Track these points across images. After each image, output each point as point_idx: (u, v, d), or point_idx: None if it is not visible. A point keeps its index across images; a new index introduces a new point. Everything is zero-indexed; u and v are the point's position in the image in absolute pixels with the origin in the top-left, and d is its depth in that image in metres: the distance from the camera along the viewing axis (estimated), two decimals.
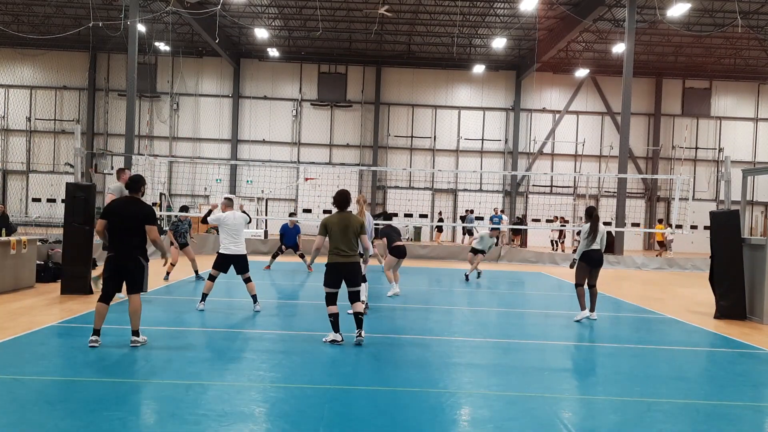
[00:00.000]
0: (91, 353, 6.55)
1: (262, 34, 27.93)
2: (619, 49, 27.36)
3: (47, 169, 33.68)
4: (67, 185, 10.82)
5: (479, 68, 32.62)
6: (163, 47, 31.05)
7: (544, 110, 35.14)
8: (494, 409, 5.27)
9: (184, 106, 34.79)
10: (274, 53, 32.38)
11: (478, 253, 15.11)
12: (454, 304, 11.90)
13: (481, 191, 33.82)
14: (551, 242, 28.16)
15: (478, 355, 7.38)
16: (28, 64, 34.22)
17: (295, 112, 34.69)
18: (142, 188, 7.10)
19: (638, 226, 33.72)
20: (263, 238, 24.22)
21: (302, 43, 33.59)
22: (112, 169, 25.42)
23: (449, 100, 35.11)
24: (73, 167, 11.57)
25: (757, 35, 28.18)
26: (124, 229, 6.82)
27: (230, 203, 9.95)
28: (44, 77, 34.38)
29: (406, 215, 33.27)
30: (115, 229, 6.84)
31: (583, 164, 34.87)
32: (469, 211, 28.12)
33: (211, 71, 34.73)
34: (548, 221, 30.56)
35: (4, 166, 33.95)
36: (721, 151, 34.76)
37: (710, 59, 32.84)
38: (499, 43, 28.19)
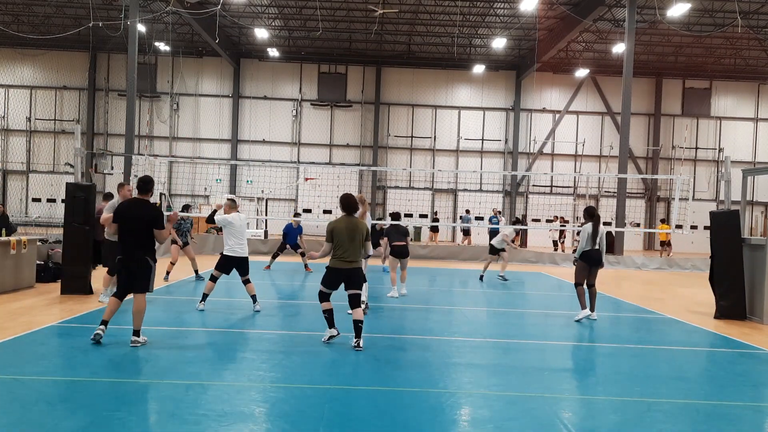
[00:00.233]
0: (91, 353, 6.56)
1: (262, 34, 27.93)
2: (619, 49, 27.36)
3: (47, 169, 33.70)
4: (67, 185, 10.82)
5: (479, 68, 32.61)
6: (163, 47, 31.06)
7: (544, 110, 35.14)
8: (494, 409, 5.27)
9: (184, 106, 34.80)
10: (274, 53, 32.38)
11: (498, 251, 15.41)
12: (454, 304, 11.90)
13: (481, 191, 33.82)
14: (553, 242, 28.17)
15: (478, 355, 7.38)
16: (28, 64, 34.23)
17: (295, 112, 34.69)
18: (151, 189, 7.17)
19: (638, 226, 33.71)
20: (263, 238, 24.22)
21: (302, 43, 33.59)
22: (111, 169, 25.42)
23: (449, 100, 35.11)
24: (73, 167, 11.57)
25: (757, 35, 28.17)
26: (131, 230, 6.88)
27: (234, 204, 9.94)
28: (44, 77, 34.39)
29: (406, 215, 33.24)
30: (123, 230, 6.92)
31: (583, 164, 34.87)
32: (466, 211, 28.19)
33: (211, 71, 34.73)
34: (548, 221, 30.57)
35: (4, 166, 33.96)
36: (721, 151, 34.76)
37: (710, 59, 32.84)
38: (499, 43, 28.19)
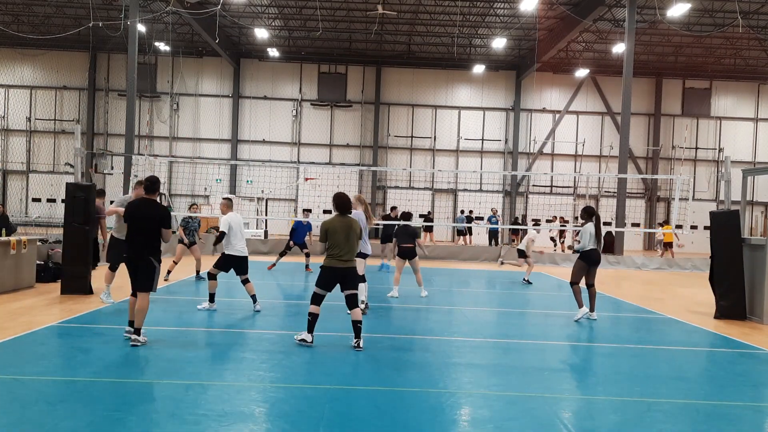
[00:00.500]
0: (91, 353, 6.57)
1: (262, 34, 27.92)
2: (619, 49, 27.35)
3: (47, 169, 33.69)
4: (67, 185, 10.83)
5: (479, 68, 32.61)
6: (163, 47, 31.05)
7: (544, 110, 35.14)
8: (494, 409, 5.27)
9: (184, 106, 34.79)
10: (274, 53, 32.37)
11: (526, 255, 15.71)
12: (454, 304, 11.90)
13: (481, 191, 33.82)
14: (551, 239, 28.26)
15: (478, 355, 7.38)
16: (28, 64, 34.22)
17: (295, 112, 34.69)
18: (158, 189, 7.28)
19: (638, 226, 33.72)
20: (263, 238, 24.22)
21: (302, 43, 33.58)
22: (111, 169, 25.41)
23: (449, 100, 35.11)
24: (73, 167, 11.58)
25: (757, 35, 28.17)
26: (139, 229, 6.97)
27: (231, 204, 9.92)
28: (44, 77, 34.39)
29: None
30: (131, 229, 7.03)
31: (583, 164, 34.87)
32: (461, 211, 28.40)
33: (211, 71, 34.73)
34: (548, 221, 30.58)
35: (4, 166, 33.95)
36: (721, 151, 34.75)
37: (710, 59, 32.83)
38: (499, 43, 28.18)
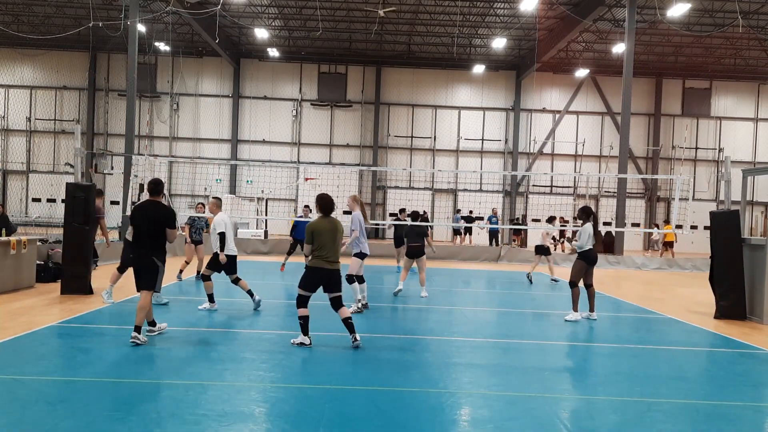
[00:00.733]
0: (91, 353, 6.57)
1: (262, 34, 27.91)
2: (619, 49, 27.35)
3: (47, 169, 33.69)
4: (67, 185, 10.83)
5: (479, 68, 32.60)
6: (163, 47, 31.05)
7: (544, 110, 35.13)
8: (494, 409, 5.27)
9: (184, 106, 34.79)
10: (274, 53, 32.37)
11: (545, 252, 15.82)
12: (454, 304, 11.90)
13: (481, 191, 33.83)
14: (552, 238, 28.24)
15: (478, 355, 7.38)
16: (28, 64, 34.22)
17: (295, 112, 34.69)
18: (162, 191, 7.43)
19: (638, 226, 33.71)
20: (263, 238, 24.21)
21: (302, 43, 33.58)
22: (111, 169, 25.41)
23: (449, 100, 35.11)
24: (73, 167, 11.57)
25: (757, 35, 28.17)
26: (144, 231, 7.11)
27: (220, 203, 9.88)
28: (44, 77, 34.39)
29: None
30: (138, 231, 7.18)
31: (583, 164, 34.87)
32: (457, 211, 28.63)
33: (211, 71, 34.73)
34: (547, 221, 30.52)
35: (4, 166, 33.95)
36: (721, 151, 34.76)
37: (710, 59, 32.83)
38: (499, 43, 28.18)
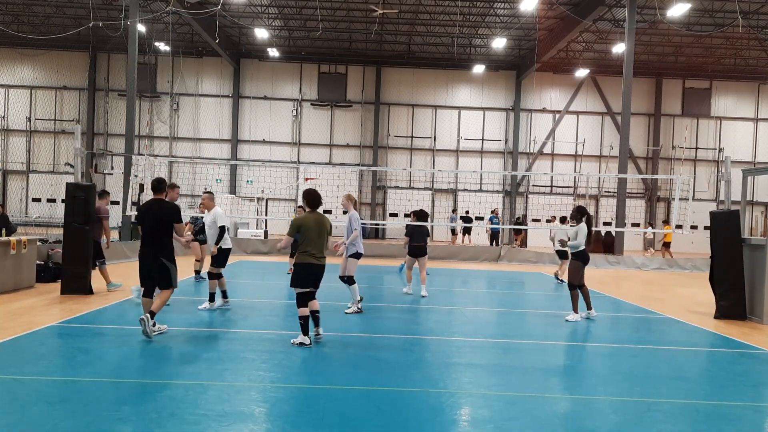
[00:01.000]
0: (91, 353, 6.57)
1: (262, 34, 27.91)
2: (619, 49, 27.36)
3: (47, 169, 33.70)
4: (67, 185, 10.83)
5: (479, 68, 32.61)
6: (163, 47, 31.05)
7: (544, 110, 35.14)
8: (494, 409, 5.27)
9: (184, 106, 34.79)
10: (274, 53, 32.37)
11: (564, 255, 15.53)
12: (454, 304, 11.89)
13: (481, 191, 33.84)
14: (551, 239, 28.26)
15: (478, 355, 7.38)
16: (28, 64, 34.23)
17: (295, 112, 34.69)
18: (165, 189, 7.50)
19: (638, 226, 33.72)
20: (263, 238, 24.21)
21: (302, 43, 33.58)
22: (111, 169, 25.38)
23: (449, 100, 35.11)
24: (73, 167, 11.57)
25: (757, 35, 28.18)
26: (151, 230, 7.21)
27: (213, 197, 9.89)
28: (44, 77, 34.39)
29: (405, 215, 33.26)
30: (143, 231, 7.32)
31: (583, 164, 34.87)
32: (453, 211, 28.89)
33: (211, 71, 34.73)
34: (548, 221, 30.55)
35: (4, 166, 33.96)
36: (721, 151, 34.77)
37: (710, 59, 32.83)
38: (499, 43, 28.18)
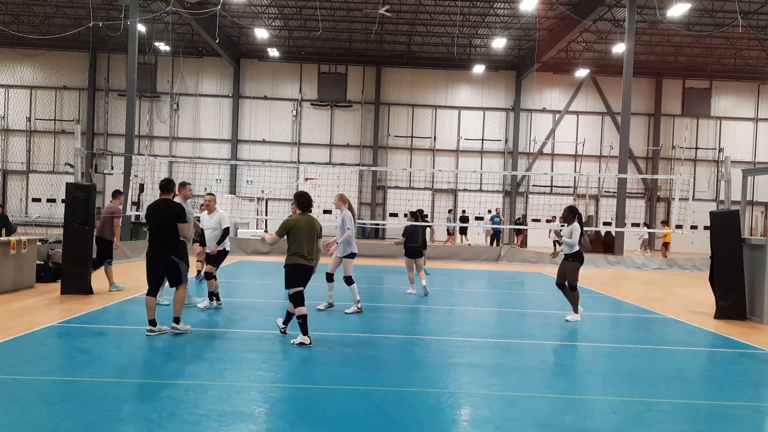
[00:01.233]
0: (91, 353, 6.57)
1: (262, 34, 27.92)
2: (619, 49, 27.35)
3: (47, 169, 33.70)
4: (67, 185, 10.83)
5: (479, 68, 32.61)
6: (163, 47, 31.05)
7: (544, 110, 35.14)
8: (494, 409, 5.27)
9: (184, 106, 34.79)
10: (274, 53, 32.38)
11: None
12: (454, 304, 11.89)
13: (481, 191, 33.84)
14: (554, 243, 28.19)
15: (478, 355, 7.37)
16: (28, 64, 34.23)
17: (295, 112, 34.69)
18: (173, 189, 7.65)
19: (638, 226, 33.69)
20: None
21: (302, 43, 33.58)
22: (111, 169, 25.38)
23: (449, 100, 35.11)
24: (73, 167, 11.57)
25: (757, 35, 28.18)
26: (156, 229, 7.37)
27: (215, 199, 9.90)
28: (44, 77, 34.39)
29: (405, 215, 33.25)
30: (150, 230, 7.49)
31: (583, 164, 34.87)
32: (449, 210, 29.34)
33: (211, 71, 34.73)
34: (548, 221, 30.56)
35: (4, 166, 33.96)
36: (721, 151, 34.77)
37: (710, 59, 32.84)
38: (499, 43, 28.18)
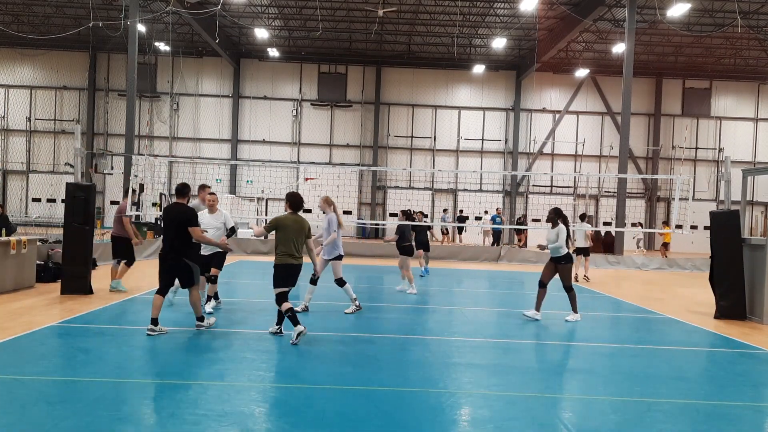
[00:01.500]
0: (91, 353, 6.57)
1: (262, 34, 27.91)
2: (619, 49, 27.35)
3: (47, 169, 33.69)
4: (67, 185, 10.84)
5: (479, 68, 32.61)
6: (163, 47, 31.05)
7: (544, 110, 35.13)
8: (494, 409, 5.27)
9: (184, 106, 34.79)
10: (274, 53, 32.37)
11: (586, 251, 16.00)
12: (454, 304, 11.90)
13: (481, 191, 33.83)
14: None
15: (478, 355, 7.38)
16: (28, 64, 34.22)
17: (295, 112, 34.69)
18: (187, 194, 7.76)
19: (635, 226, 33.69)
20: (263, 238, 24.20)
21: (302, 43, 33.58)
22: (111, 169, 25.43)
23: (449, 100, 35.11)
24: (73, 167, 11.58)
25: (757, 35, 28.17)
26: (168, 231, 7.55)
27: (217, 198, 9.80)
28: (44, 77, 34.39)
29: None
30: (163, 231, 7.68)
31: (583, 164, 34.86)
32: (444, 210, 29.63)
33: (211, 71, 34.73)
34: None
35: (4, 166, 33.95)
36: (721, 151, 34.76)
37: (710, 59, 32.83)
38: (499, 43, 28.18)
